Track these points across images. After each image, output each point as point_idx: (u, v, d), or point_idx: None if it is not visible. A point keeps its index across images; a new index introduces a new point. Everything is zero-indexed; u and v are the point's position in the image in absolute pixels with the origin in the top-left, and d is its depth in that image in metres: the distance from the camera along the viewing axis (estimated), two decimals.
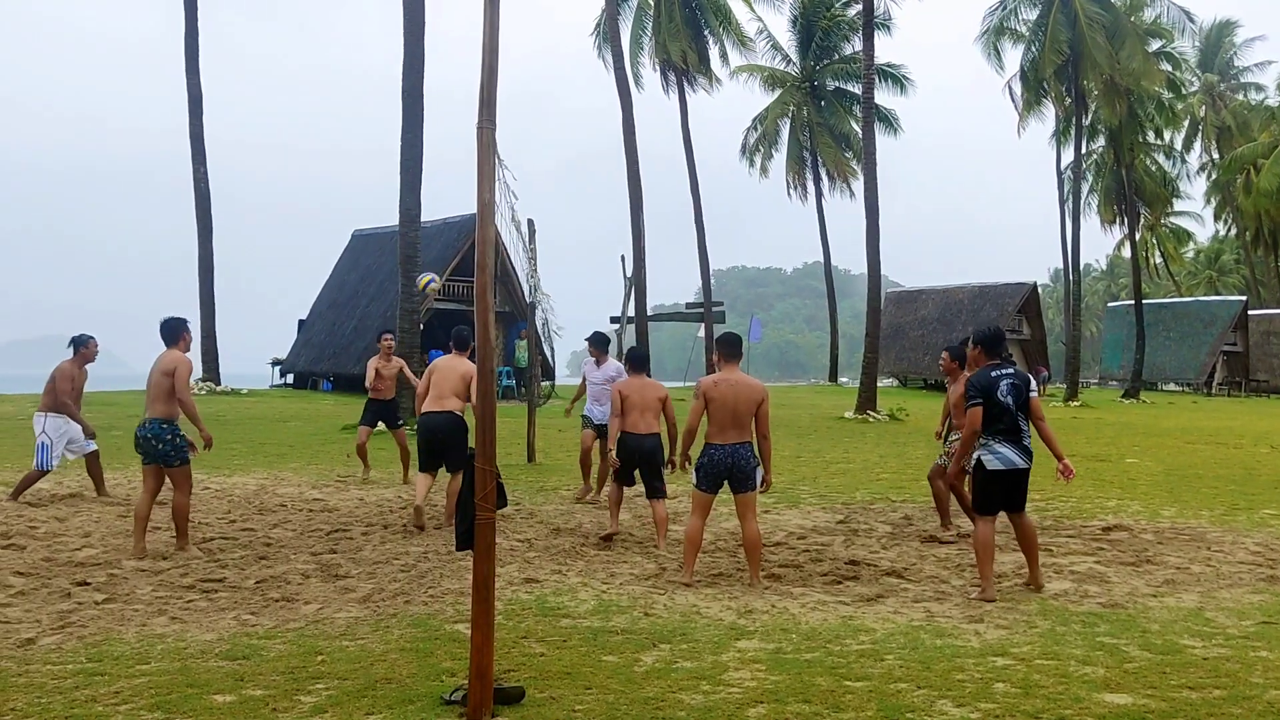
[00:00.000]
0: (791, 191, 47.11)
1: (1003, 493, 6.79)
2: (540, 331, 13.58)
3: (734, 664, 5.14)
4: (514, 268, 29.19)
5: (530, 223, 14.05)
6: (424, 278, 7.69)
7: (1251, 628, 5.97)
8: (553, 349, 14.61)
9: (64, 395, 9.92)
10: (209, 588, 6.59)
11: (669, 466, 7.99)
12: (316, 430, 18.60)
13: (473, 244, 31.34)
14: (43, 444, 9.83)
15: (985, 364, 6.96)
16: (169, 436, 7.65)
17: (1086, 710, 4.51)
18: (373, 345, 32.60)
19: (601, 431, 10.46)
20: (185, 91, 28.78)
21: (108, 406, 21.58)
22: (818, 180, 46.65)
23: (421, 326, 22.06)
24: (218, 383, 28.74)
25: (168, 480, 7.74)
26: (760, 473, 7.05)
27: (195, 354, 29.05)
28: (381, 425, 12.26)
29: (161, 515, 8.45)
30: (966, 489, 8.30)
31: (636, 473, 8.38)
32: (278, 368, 36.10)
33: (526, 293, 13.47)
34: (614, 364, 11.00)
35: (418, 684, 4.73)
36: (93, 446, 10.26)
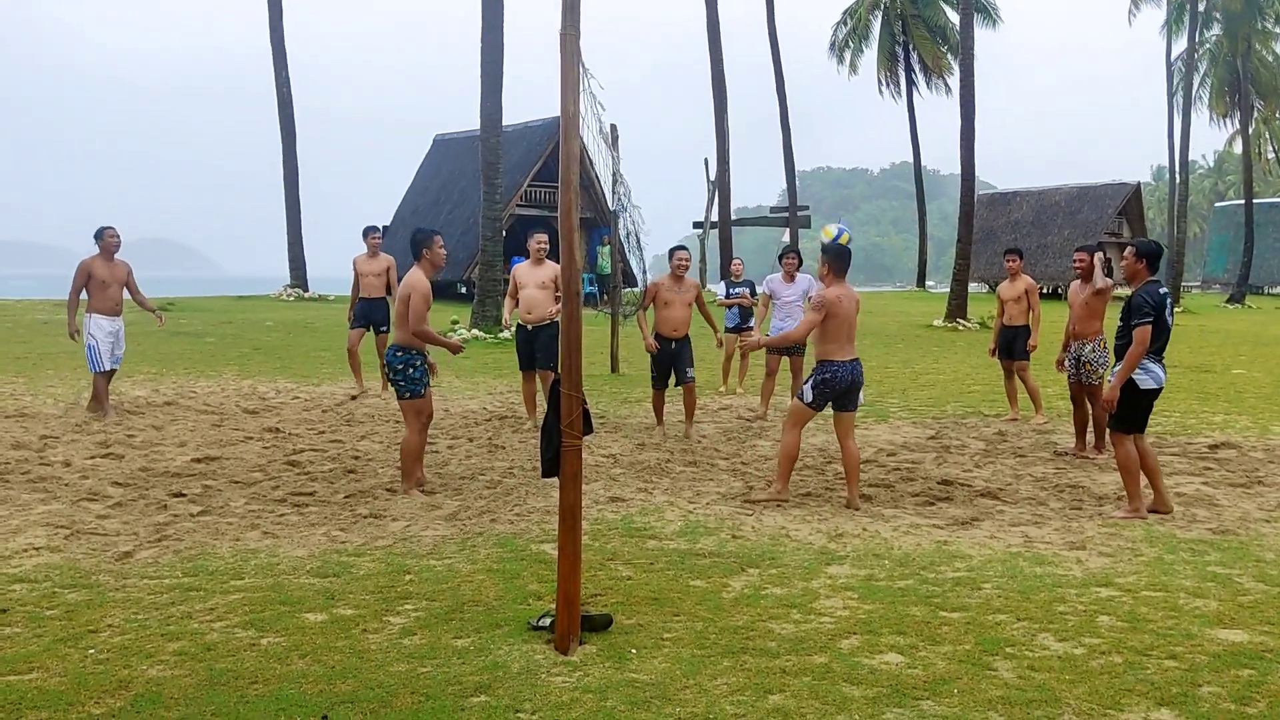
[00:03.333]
0: (883, 89, 45.39)
1: (1145, 412, 6.74)
2: (626, 240, 13.33)
3: (825, 591, 5.01)
4: (596, 174, 28.85)
5: (613, 128, 13.70)
6: (829, 228, 7.30)
7: None
8: (641, 258, 14.34)
9: (74, 292, 9.65)
10: (300, 501, 6.67)
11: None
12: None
13: (555, 149, 31.15)
14: (89, 345, 9.54)
15: (1148, 279, 6.63)
16: (400, 366, 6.91)
17: (1199, 648, 4.28)
18: (456, 252, 32.72)
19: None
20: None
21: (200, 312, 22.13)
22: (910, 76, 44.85)
23: (504, 233, 21.98)
24: (305, 289, 29.25)
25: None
26: (863, 392, 7.08)
27: (282, 259, 29.73)
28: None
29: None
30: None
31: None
32: None
33: (609, 199, 13.16)
34: (806, 277, 10.42)
35: (504, 607, 4.70)
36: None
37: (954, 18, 40.23)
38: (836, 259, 6.86)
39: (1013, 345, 10.45)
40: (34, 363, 13.34)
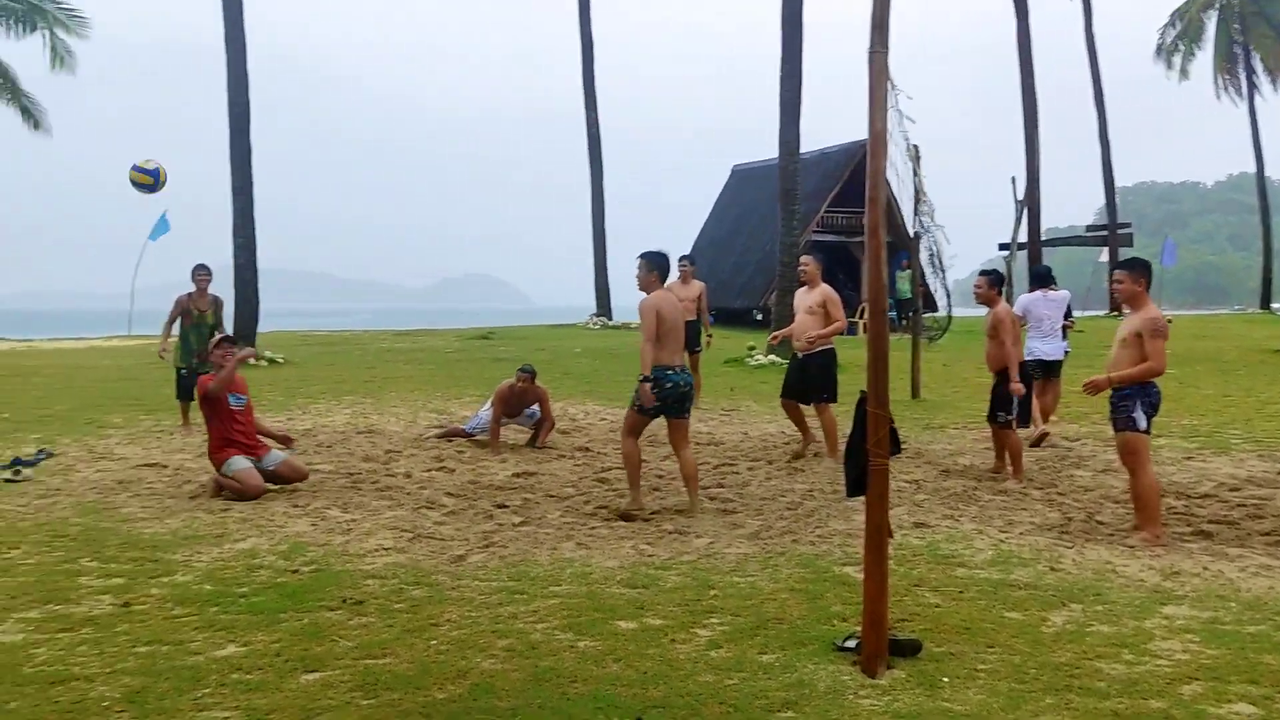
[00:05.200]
0: (1221, 93, 41.26)
1: None
2: (929, 263, 12.96)
3: (1160, 632, 4.60)
4: (894, 196, 28.25)
5: (915, 148, 13.38)
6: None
7: None
8: (944, 281, 13.86)
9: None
10: (609, 516, 6.99)
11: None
12: (702, 363, 19.23)
13: (852, 173, 30.86)
14: None
15: None
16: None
17: None
18: (752, 279, 33.01)
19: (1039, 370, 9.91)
20: (579, 40, 30.65)
21: (517, 340, 23.75)
22: (1251, 79, 40.52)
23: None
24: (610, 317, 30.64)
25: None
26: None
27: (583, 291, 31.42)
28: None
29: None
30: None
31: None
32: None
33: (911, 222, 12.86)
34: (1064, 293, 10.51)
35: (808, 626, 4.69)
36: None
37: None
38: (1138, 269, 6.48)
39: None
40: (379, 385, 14.88)
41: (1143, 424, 6.25)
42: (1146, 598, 5.12)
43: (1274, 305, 41.18)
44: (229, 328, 12.15)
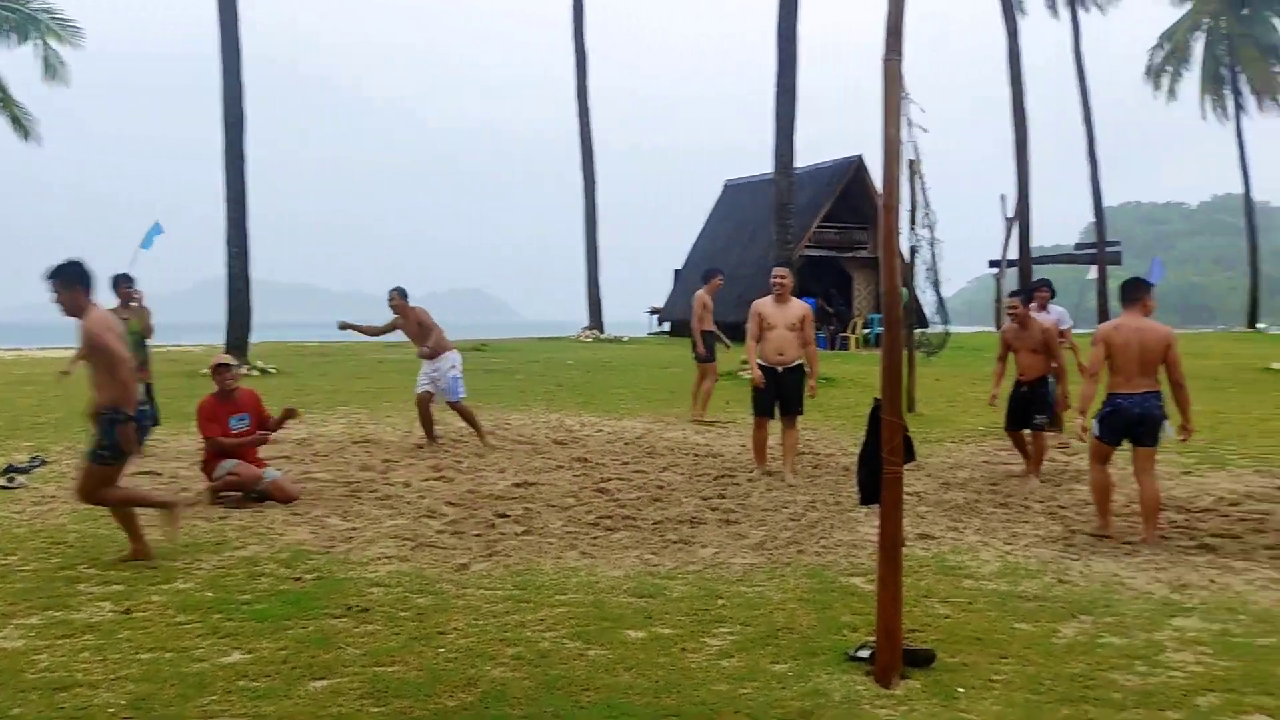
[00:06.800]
0: (1209, 113, 41.59)
1: None
2: (926, 277, 12.98)
3: (1172, 644, 4.59)
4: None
5: (910, 164, 13.42)
6: None
7: None
8: (939, 296, 13.86)
9: None
10: (611, 526, 6.94)
11: None
12: (694, 377, 19.22)
13: (845, 189, 30.96)
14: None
15: None
16: None
17: None
18: (745, 293, 33.11)
19: None
20: (573, 54, 30.79)
21: (509, 352, 23.69)
22: (1238, 99, 40.87)
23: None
24: (601, 330, 30.64)
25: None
26: (1169, 426, 6.64)
27: (570, 306, 31.50)
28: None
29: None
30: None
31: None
32: (655, 316, 37.85)
33: (907, 235, 12.84)
34: (1058, 309, 10.51)
35: (819, 637, 4.66)
36: None
37: None
38: (1123, 289, 6.94)
39: None
40: (374, 396, 14.80)
41: (1095, 430, 6.79)
42: (1156, 610, 5.10)
43: (1259, 324, 41.47)
44: (219, 339, 11.99)
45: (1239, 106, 40.92)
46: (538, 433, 11.41)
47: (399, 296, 10.52)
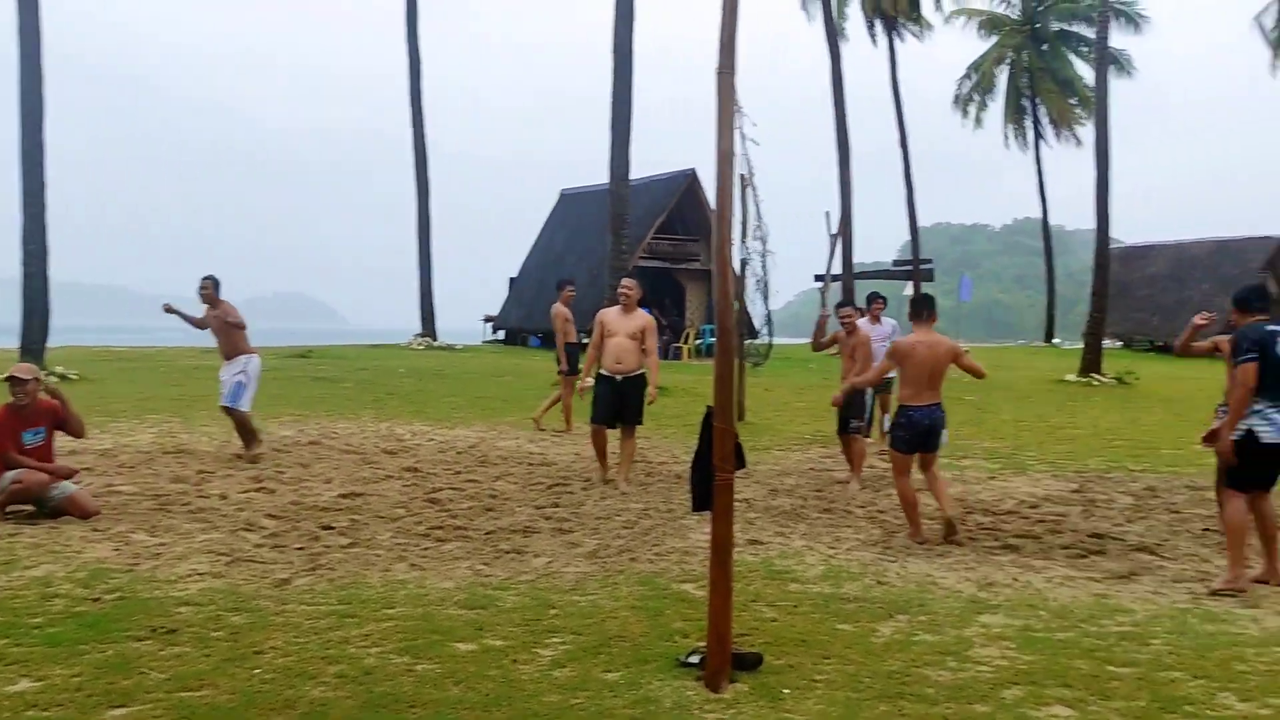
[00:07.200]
0: (1010, 142, 44.49)
1: (1267, 469, 5.93)
2: (756, 289, 13.32)
3: (979, 640, 4.84)
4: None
5: (742, 177, 13.76)
6: None
7: None
8: (767, 309, 14.25)
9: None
10: (442, 536, 6.79)
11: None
12: (529, 385, 19.09)
13: (679, 201, 31.49)
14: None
15: (1252, 320, 6.11)
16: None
17: None
18: (579, 302, 33.15)
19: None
20: (406, 55, 30.15)
21: (337, 359, 22.94)
22: (1038, 130, 43.90)
23: None
24: (434, 338, 30.08)
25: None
26: (945, 434, 7.33)
27: (400, 314, 30.92)
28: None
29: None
30: None
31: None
32: (489, 324, 37.48)
33: (738, 247, 13.15)
34: (891, 322, 11.43)
35: (651, 644, 4.67)
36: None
37: (1084, 71, 39.44)
38: (915, 305, 7.32)
39: None
40: (188, 404, 14.02)
41: (888, 442, 7.31)
42: (965, 607, 5.37)
43: (1055, 339, 44.61)
44: (13, 342, 11.11)
45: (1039, 136, 43.94)
46: (366, 442, 11.07)
47: (210, 285, 9.90)
